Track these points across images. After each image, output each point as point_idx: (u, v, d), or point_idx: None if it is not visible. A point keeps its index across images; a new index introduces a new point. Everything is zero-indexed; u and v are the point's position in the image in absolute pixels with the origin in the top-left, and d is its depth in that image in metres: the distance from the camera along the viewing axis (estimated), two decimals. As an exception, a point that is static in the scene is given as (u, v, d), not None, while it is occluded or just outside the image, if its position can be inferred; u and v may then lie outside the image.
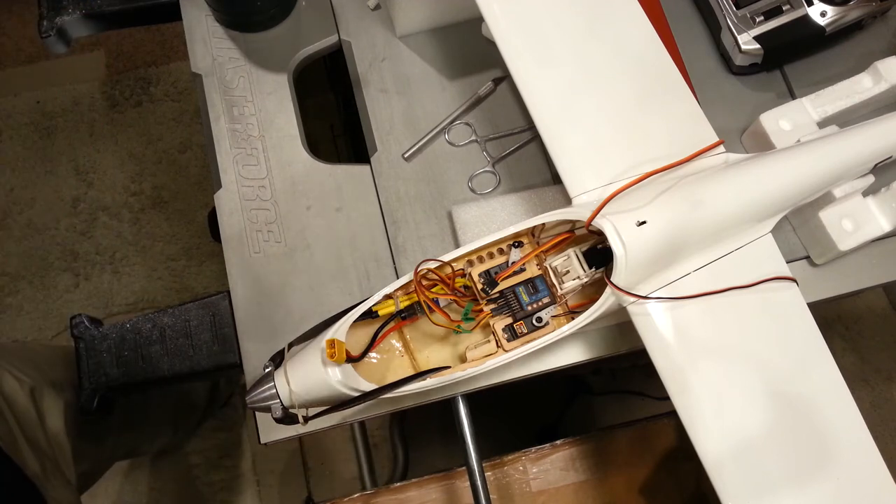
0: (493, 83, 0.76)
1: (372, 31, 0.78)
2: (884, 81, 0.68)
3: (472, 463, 0.66)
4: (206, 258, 1.63)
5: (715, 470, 0.53)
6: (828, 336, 0.57)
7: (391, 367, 0.59)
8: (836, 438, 0.55)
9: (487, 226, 0.69)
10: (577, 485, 0.79)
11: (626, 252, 0.53)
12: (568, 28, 0.64)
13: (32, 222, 1.63)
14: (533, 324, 0.58)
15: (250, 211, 0.71)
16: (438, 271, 0.58)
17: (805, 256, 0.69)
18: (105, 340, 0.69)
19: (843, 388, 0.56)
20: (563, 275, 0.57)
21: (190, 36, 0.78)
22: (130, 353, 0.69)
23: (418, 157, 0.74)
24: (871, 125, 0.63)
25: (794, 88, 0.76)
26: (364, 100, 0.76)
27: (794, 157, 0.61)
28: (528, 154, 0.74)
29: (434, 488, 0.78)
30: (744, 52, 0.72)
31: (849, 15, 0.72)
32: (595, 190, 0.59)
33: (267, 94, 0.76)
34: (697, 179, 0.58)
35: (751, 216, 0.58)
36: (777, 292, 0.58)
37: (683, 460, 0.80)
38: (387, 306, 0.57)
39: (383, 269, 0.70)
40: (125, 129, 1.71)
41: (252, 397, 0.56)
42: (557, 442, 0.80)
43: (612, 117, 0.62)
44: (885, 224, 0.65)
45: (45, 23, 0.80)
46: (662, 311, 0.56)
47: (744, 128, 0.72)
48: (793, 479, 0.53)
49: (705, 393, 0.55)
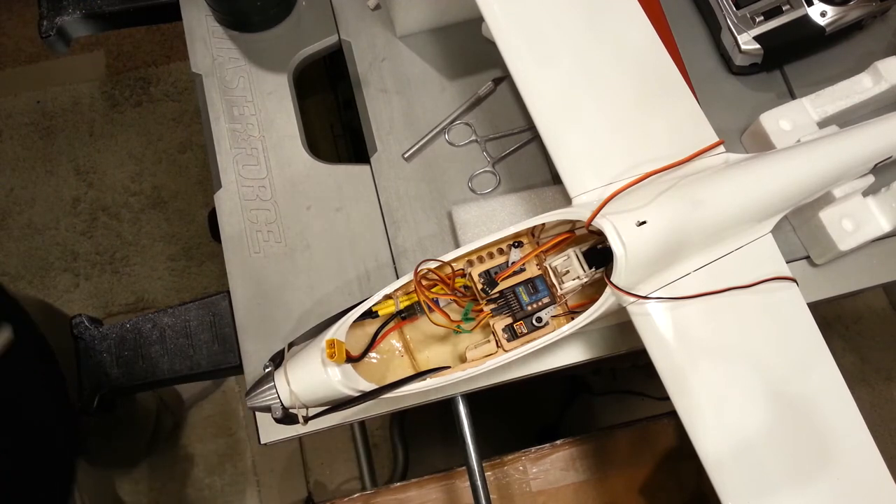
0: (493, 83, 0.76)
1: (372, 31, 0.78)
2: (884, 81, 0.68)
3: (472, 463, 0.66)
4: (206, 258, 1.63)
5: (715, 470, 0.53)
6: (828, 336, 0.57)
7: (391, 367, 0.59)
8: (836, 438, 0.55)
9: (487, 226, 0.69)
10: (577, 485, 0.79)
11: (626, 252, 0.53)
12: (568, 28, 0.64)
13: (32, 222, 1.63)
14: (533, 324, 0.58)
15: (250, 211, 0.71)
16: (438, 271, 0.58)
17: (805, 256, 0.69)
18: (105, 340, 0.69)
19: (843, 388, 0.56)
20: (563, 275, 0.57)
21: (190, 36, 0.78)
22: (130, 353, 0.69)
23: (418, 157, 0.74)
24: (871, 125, 0.63)
25: (794, 88, 0.76)
26: (364, 100, 0.76)
27: (794, 157, 0.61)
28: (528, 154, 0.74)
29: (434, 488, 0.78)
30: (744, 52, 0.72)
31: (849, 15, 0.72)
32: (595, 190, 0.59)
33: (267, 94, 0.76)
34: (697, 179, 0.58)
35: (751, 216, 0.58)
36: (777, 292, 0.58)
37: (683, 460, 0.80)
38: (387, 306, 0.57)
39: (383, 269, 0.70)
40: (125, 129, 1.71)
41: (252, 397, 0.56)
42: (557, 442, 0.80)
43: (612, 117, 0.62)
44: (885, 224, 0.65)
45: (45, 23, 0.80)
46: (662, 312, 0.56)
47: (744, 128, 0.72)
48: (793, 479, 0.53)
49: (705, 393, 0.55)
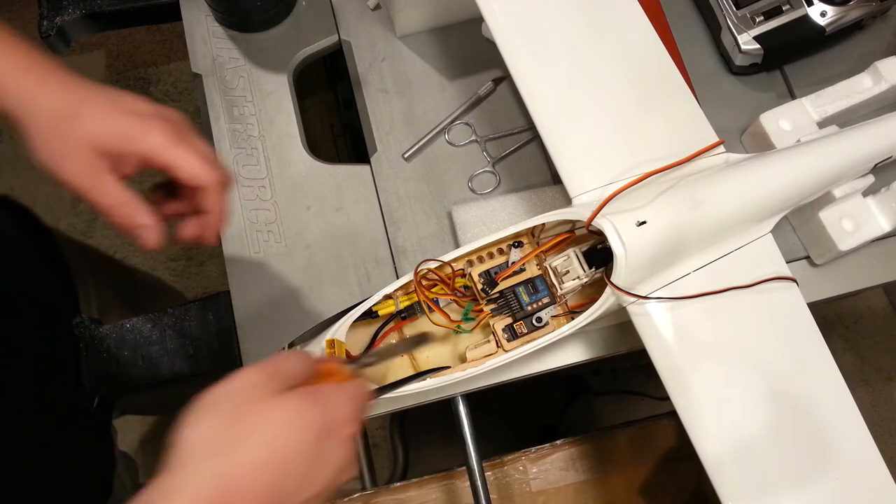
0: (493, 83, 0.76)
1: (372, 31, 0.78)
2: (884, 81, 0.68)
3: (472, 463, 0.66)
4: (206, 258, 1.63)
5: (715, 470, 0.53)
6: (828, 336, 0.57)
7: (391, 367, 0.59)
8: (836, 438, 0.55)
9: (487, 226, 0.69)
10: (577, 485, 0.79)
11: (626, 252, 0.53)
12: (568, 28, 0.64)
13: (32, 222, 1.63)
14: (533, 324, 0.58)
15: (250, 211, 0.71)
16: (438, 271, 0.58)
17: (805, 256, 0.69)
18: (105, 340, 0.69)
19: (843, 388, 0.56)
20: (563, 275, 0.57)
21: (190, 36, 0.78)
22: (130, 353, 0.69)
23: (418, 157, 0.74)
24: (871, 125, 0.63)
25: (794, 88, 0.76)
26: (364, 100, 0.76)
27: (794, 157, 0.61)
28: (528, 154, 0.74)
29: (434, 488, 0.78)
30: (744, 52, 0.72)
31: (849, 15, 0.72)
32: (595, 190, 0.59)
33: (267, 94, 0.76)
34: (697, 179, 0.58)
35: (751, 216, 0.58)
36: (777, 292, 0.58)
37: (683, 460, 0.80)
38: (387, 306, 0.57)
39: (383, 269, 0.70)
40: (125, 129, 1.71)
41: (252, 397, 0.56)
42: (557, 442, 0.80)
43: (613, 117, 0.62)
44: (885, 224, 0.65)
45: (45, 23, 0.80)
46: (662, 311, 0.56)
47: (744, 128, 0.72)
48: (793, 479, 0.53)
49: (705, 393, 0.55)
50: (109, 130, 0.49)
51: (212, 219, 0.53)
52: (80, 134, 0.48)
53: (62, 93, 0.49)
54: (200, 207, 0.53)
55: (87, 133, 0.48)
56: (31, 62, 0.50)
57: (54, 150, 0.49)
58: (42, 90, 0.49)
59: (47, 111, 0.49)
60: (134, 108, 0.50)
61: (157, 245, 0.51)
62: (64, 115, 0.48)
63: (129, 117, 0.50)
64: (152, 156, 0.50)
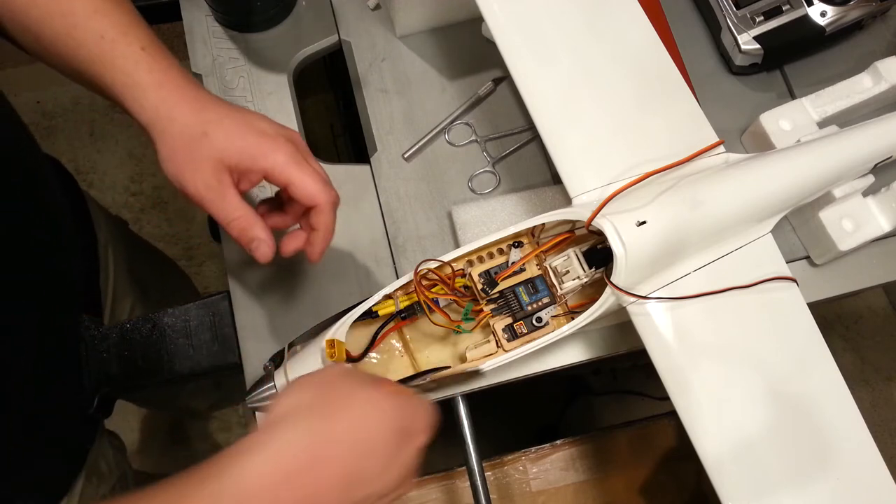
0: (493, 83, 0.76)
1: (372, 31, 0.78)
2: (884, 81, 0.68)
3: (472, 463, 0.66)
4: (206, 258, 1.64)
5: (715, 470, 0.53)
6: (828, 336, 0.57)
7: (391, 367, 0.59)
8: (836, 438, 0.55)
9: (487, 226, 0.69)
10: (577, 485, 0.79)
11: (626, 252, 0.53)
12: (568, 28, 0.64)
13: (32, 222, 1.63)
14: (533, 324, 0.58)
15: (250, 211, 0.71)
16: (438, 271, 0.58)
17: (805, 256, 0.69)
18: (105, 340, 0.69)
19: (843, 388, 0.56)
20: (563, 275, 0.57)
21: (190, 36, 0.78)
22: (130, 353, 0.69)
23: (418, 157, 0.74)
24: (871, 125, 0.63)
25: (794, 88, 0.76)
26: (364, 100, 0.76)
27: (794, 157, 0.61)
28: (528, 154, 0.74)
29: (434, 488, 0.78)
30: (744, 52, 0.72)
31: (849, 15, 0.72)
32: (595, 190, 0.59)
33: (267, 94, 0.76)
34: (697, 179, 0.58)
35: (751, 216, 0.58)
36: (777, 292, 0.58)
37: (683, 460, 0.80)
38: (387, 306, 0.57)
39: (383, 269, 0.70)
40: (125, 129, 1.71)
41: (252, 397, 0.56)
42: (557, 442, 0.80)
43: (613, 117, 0.62)
44: (885, 224, 0.65)
45: (45, 23, 0.80)
46: (662, 311, 0.56)
47: (744, 128, 0.72)
48: (793, 479, 0.53)
49: (705, 393, 0.55)
50: (238, 148, 0.52)
51: (320, 236, 0.56)
52: (210, 152, 0.51)
53: (195, 111, 0.52)
54: (311, 225, 0.56)
55: (216, 150, 0.51)
56: (167, 77, 0.53)
57: (183, 164, 0.52)
58: (177, 107, 0.52)
59: (180, 127, 0.52)
60: (260, 128, 0.53)
61: (268, 258, 0.55)
62: (195, 133, 0.51)
63: (256, 136, 0.53)
64: (274, 173, 0.53)
